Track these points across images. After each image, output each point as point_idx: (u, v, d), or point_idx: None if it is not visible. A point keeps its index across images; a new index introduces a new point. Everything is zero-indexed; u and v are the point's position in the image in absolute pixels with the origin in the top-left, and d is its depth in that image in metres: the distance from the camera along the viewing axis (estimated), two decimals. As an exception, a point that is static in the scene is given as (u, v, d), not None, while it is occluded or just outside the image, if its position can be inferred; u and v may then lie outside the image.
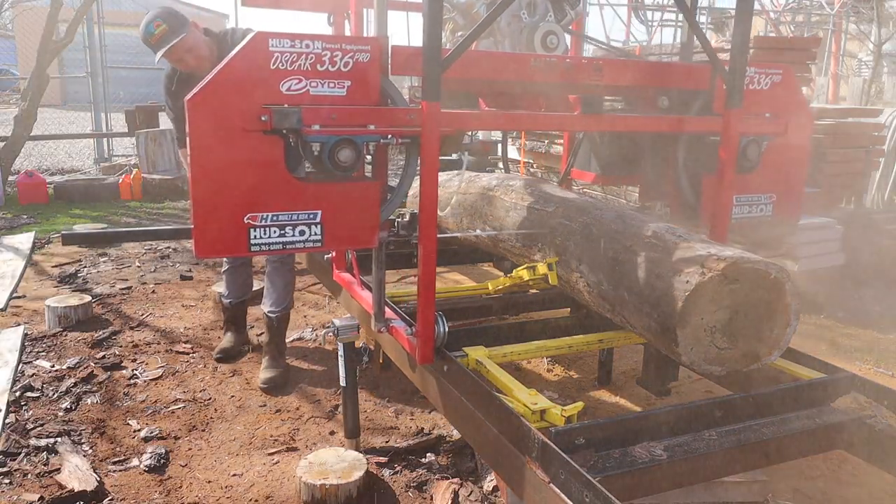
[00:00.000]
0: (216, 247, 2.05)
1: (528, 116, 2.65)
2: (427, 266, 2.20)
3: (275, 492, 2.51)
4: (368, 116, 2.09)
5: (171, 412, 3.07)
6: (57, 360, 3.52)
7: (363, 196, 2.17)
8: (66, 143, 10.89)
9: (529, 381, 3.38)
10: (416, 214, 2.21)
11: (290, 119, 1.98)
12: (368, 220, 2.18)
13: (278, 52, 1.96)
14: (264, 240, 2.06)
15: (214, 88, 1.93)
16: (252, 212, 2.02)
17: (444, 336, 2.31)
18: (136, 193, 7.95)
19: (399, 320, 2.52)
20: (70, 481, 2.49)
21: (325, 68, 2.03)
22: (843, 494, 2.50)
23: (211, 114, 1.92)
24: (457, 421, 2.21)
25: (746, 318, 2.05)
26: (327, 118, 2.03)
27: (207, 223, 2.00)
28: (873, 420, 2.08)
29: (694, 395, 3.13)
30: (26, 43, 14.15)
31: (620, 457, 1.85)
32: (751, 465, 2.09)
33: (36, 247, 5.69)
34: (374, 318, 2.49)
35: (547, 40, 2.56)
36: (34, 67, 7.83)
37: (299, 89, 2.01)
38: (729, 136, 2.54)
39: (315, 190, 2.10)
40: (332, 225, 2.13)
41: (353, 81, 2.07)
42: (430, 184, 2.13)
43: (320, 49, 2.01)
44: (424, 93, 2.06)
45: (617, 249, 2.28)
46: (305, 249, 2.14)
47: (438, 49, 2.04)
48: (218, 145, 1.95)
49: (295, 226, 2.09)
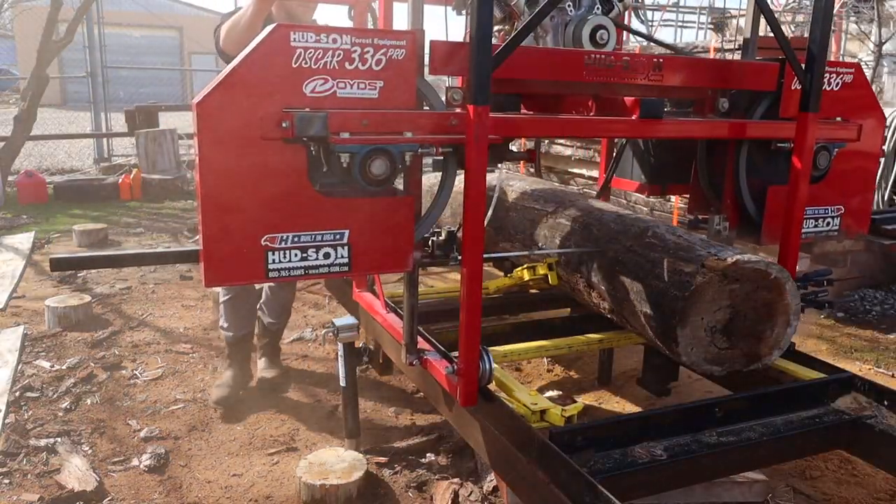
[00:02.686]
0: (229, 273, 1.79)
1: (588, 122, 2.33)
2: (472, 293, 1.90)
3: (275, 492, 2.51)
4: (405, 122, 1.83)
5: (171, 412, 3.07)
6: (57, 360, 3.52)
7: (396, 213, 1.90)
8: (66, 143, 10.89)
9: (529, 381, 3.38)
10: (454, 232, 2.00)
11: (314, 125, 1.74)
12: (402, 239, 1.92)
13: (301, 48, 1.72)
14: (284, 264, 1.81)
15: (227, 90, 1.69)
16: (270, 232, 1.78)
17: (490, 374, 2.01)
18: (136, 193, 7.96)
19: (434, 352, 2.22)
20: (70, 481, 2.49)
21: (355, 66, 1.78)
22: (843, 494, 2.50)
23: (223, 120, 1.70)
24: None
25: (746, 318, 2.05)
26: (358, 124, 1.78)
27: (219, 246, 1.75)
28: (873, 420, 2.08)
29: (694, 395, 3.13)
30: (26, 43, 14.16)
31: (620, 457, 1.85)
32: (751, 465, 2.09)
33: (36, 247, 5.69)
34: (404, 349, 2.22)
35: (597, 35, 2.28)
36: (34, 67, 7.83)
37: (325, 91, 1.76)
38: (804, 144, 2.26)
39: (342, 207, 1.84)
40: (360, 246, 1.88)
41: (386, 82, 1.81)
42: (475, 199, 1.85)
43: (349, 44, 1.76)
44: (471, 94, 1.80)
45: (617, 249, 2.28)
46: (331, 275, 1.90)
47: (489, 43, 1.77)
48: (231, 156, 1.71)
49: (319, 248, 1.84)
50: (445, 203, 2.04)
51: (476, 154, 1.82)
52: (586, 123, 2.34)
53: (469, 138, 1.82)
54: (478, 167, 1.84)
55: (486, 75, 1.79)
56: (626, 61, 2.19)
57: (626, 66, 2.18)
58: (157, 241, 6.02)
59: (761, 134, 2.43)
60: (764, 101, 2.46)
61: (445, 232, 2.03)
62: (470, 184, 1.84)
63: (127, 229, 6.43)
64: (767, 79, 2.40)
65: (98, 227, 5.99)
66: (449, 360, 2.12)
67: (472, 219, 1.87)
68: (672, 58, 2.32)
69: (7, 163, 7.89)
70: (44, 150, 10.58)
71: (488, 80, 1.79)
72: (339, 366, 2.66)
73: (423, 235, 2.01)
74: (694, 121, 2.45)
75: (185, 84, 19.45)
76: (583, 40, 2.30)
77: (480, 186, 1.85)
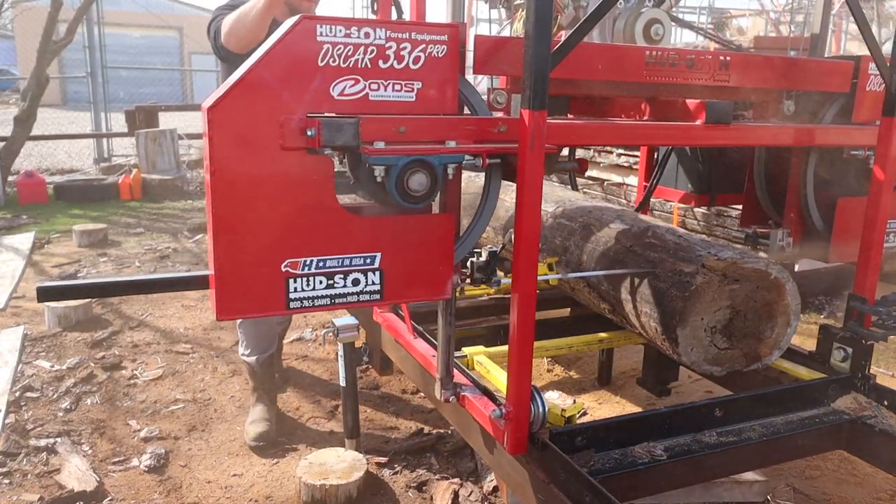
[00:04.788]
0: (244, 304, 1.58)
1: (658, 129, 2.08)
2: (523, 323, 1.68)
3: (275, 492, 2.51)
4: (448, 129, 1.63)
5: (171, 412, 3.06)
6: (57, 360, 3.52)
7: (435, 233, 1.69)
8: (66, 143, 10.89)
9: (529, 381, 3.38)
10: (496, 252, 1.81)
11: (344, 133, 1.54)
12: (441, 263, 1.72)
13: (329, 44, 1.52)
14: (307, 293, 1.61)
15: (243, 93, 1.48)
16: (292, 256, 1.58)
17: (544, 418, 1.78)
18: (136, 193, 7.95)
19: (472, 387, 2.02)
20: (70, 481, 2.49)
21: (390, 65, 1.58)
22: (843, 494, 2.50)
23: (238, 127, 1.49)
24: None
25: (746, 318, 2.05)
26: (393, 132, 1.58)
27: (233, 273, 1.55)
28: (873, 420, 2.08)
29: (694, 395, 3.13)
30: (26, 43, 14.15)
31: (620, 457, 1.85)
32: (751, 465, 2.09)
33: (36, 247, 5.69)
34: (438, 383, 2.00)
35: (652, 30, 2.10)
36: (34, 67, 7.83)
37: (355, 93, 1.56)
38: (888, 151, 2.08)
39: (374, 227, 1.65)
40: (394, 271, 1.68)
41: (424, 83, 1.62)
42: (530, 215, 1.63)
43: (384, 39, 1.56)
44: (526, 97, 1.58)
45: (617, 249, 2.27)
46: (360, 304, 1.69)
47: (548, 37, 1.54)
48: (247, 169, 1.51)
49: (347, 273, 1.63)
50: (488, 220, 1.84)
51: (532, 165, 1.60)
52: (656, 130, 2.07)
53: (523, 147, 1.59)
54: (533, 180, 1.61)
55: (544, 75, 1.56)
56: (691, 59, 1.99)
57: (690, 64, 1.98)
58: (157, 241, 6.01)
59: (849, 141, 2.24)
60: (835, 103, 2.27)
61: (486, 252, 1.84)
62: (524, 199, 1.62)
63: (127, 229, 6.43)
64: (840, 79, 2.22)
65: (98, 227, 5.98)
66: (491, 399, 1.92)
67: (525, 238, 1.64)
68: (740, 55, 2.12)
69: (7, 163, 7.89)
70: (44, 150, 10.57)
71: (547, 80, 1.57)
72: (340, 366, 2.66)
73: (461, 258, 1.81)
74: (776, 126, 2.21)
75: (185, 84, 19.47)
76: (635, 36, 2.09)
77: (536, 202, 1.63)
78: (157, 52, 22.45)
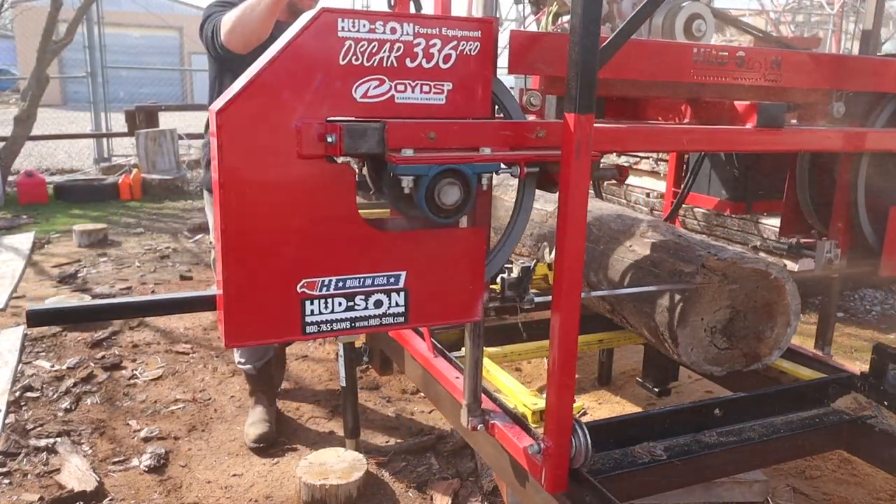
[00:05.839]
0: (256, 329, 1.44)
1: (709, 133, 1.89)
2: (566, 347, 1.55)
3: (275, 492, 2.51)
4: (481, 135, 1.49)
5: (171, 412, 3.06)
6: (57, 360, 3.52)
7: (465, 248, 1.55)
8: (66, 143, 10.89)
9: (529, 381, 3.38)
10: (529, 268, 1.71)
11: (368, 140, 1.41)
12: (471, 281, 1.57)
13: (351, 40, 1.38)
14: (325, 316, 1.47)
15: (257, 95, 1.35)
16: (309, 276, 1.44)
17: (587, 454, 1.65)
18: (136, 193, 7.96)
19: (502, 415, 1.88)
20: (70, 481, 2.49)
21: (418, 64, 1.44)
22: (843, 494, 2.50)
23: (251, 133, 1.35)
24: None
25: (746, 318, 2.05)
26: (423, 138, 1.43)
27: (243, 295, 1.41)
28: (873, 420, 2.08)
29: (694, 395, 3.13)
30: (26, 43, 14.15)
31: (620, 457, 1.85)
32: (751, 465, 2.09)
33: (35, 247, 5.69)
34: (465, 409, 1.84)
35: (693, 26, 1.94)
36: (34, 67, 7.83)
37: (380, 95, 1.42)
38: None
39: (398, 242, 1.51)
40: (420, 291, 1.54)
41: (455, 83, 1.48)
42: (575, 232, 1.49)
43: (411, 35, 1.42)
44: (571, 99, 1.43)
45: (617, 250, 2.27)
46: (382, 327, 1.55)
47: (597, 34, 1.41)
48: (260, 180, 1.37)
49: (368, 294, 1.50)
50: (520, 234, 1.68)
51: (578, 174, 1.46)
52: (708, 135, 1.90)
53: (567, 154, 1.46)
54: (578, 191, 1.48)
55: (592, 75, 1.42)
56: (742, 57, 1.85)
57: (740, 62, 1.85)
58: (157, 241, 6.01)
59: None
60: (889, 105, 2.14)
61: (518, 268, 1.71)
62: (568, 212, 1.49)
63: (127, 229, 6.43)
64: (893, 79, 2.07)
65: (98, 227, 5.98)
66: (522, 427, 1.79)
67: (569, 255, 1.50)
68: (792, 53, 1.96)
69: (7, 163, 7.89)
70: (44, 150, 10.58)
71: (595, 80, 1.43)
72: (340, 366, 2.66)
73: (491, 276, 1.67)
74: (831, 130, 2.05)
75: (185, 84, 19.46)
76: (675, 32, 1.94)
77: (581, 216, 1.49)
78: (157, 52, 22.44)
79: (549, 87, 1.75)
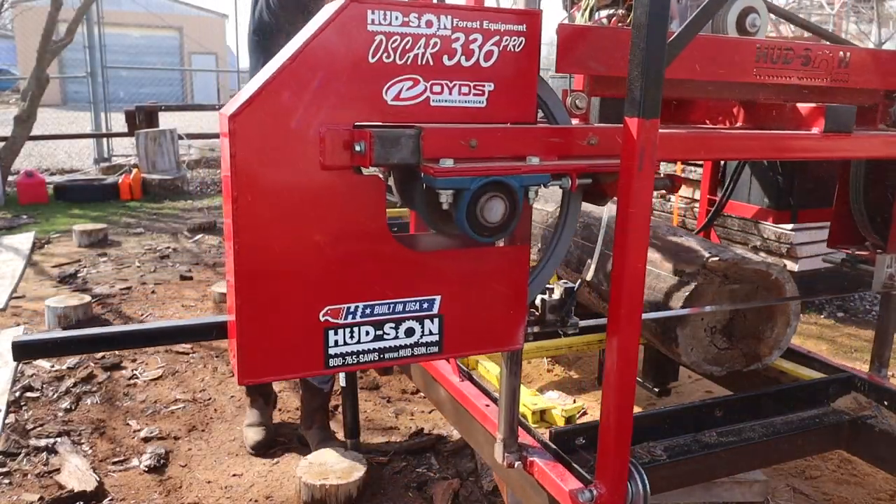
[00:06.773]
0: (273, 363, 1.28)
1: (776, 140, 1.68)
2: (623, 383, 1.40)
3: (275, 492, 2.51)
4: (528, 142, 1.32)
5: (171, 412, 3.07)
6: (57, 360, 3.52)
7: (505, 270, 1.39)
8: (66, 143, 10.90)
9: (529, 381, 3.38)
10: (573, 289, 1.56)
11: (402, 149, 1.24)
12: (512, 306, 1.42)
13: (382, 35, 1.22)
14: (350, 346, 1.31)
15: (276, 98, 1.18)
16: (333, 302, 1.28)
17: (646, 499, 1.50)
18: (136, 193, 7.96)
19: (541, 451, 1.69)
20: (70, 481, 2.49)
21: (456, 62, 1.27)
22: (843, 494, 2.50)
23: (268, 141, 1.18)
24: None
25: (746, 318, 2.05)
26: (463, 146, 1.26)
27: (259, 324, 1.24)
28: (873, 420, 2.08)
29: (694, 395, 3.13)
30: (26, 43, 14.15)
31: (620, 457, 1.85)
32: (751, 465, 2.09)
33: (35, 247, 5.70)
34: (501, 444, 1.66)
35: (747, 21, 1.78)
36: (34, 67, 7.83)
37: (414, 97, 1.26)
38: None
39: (432, 263, 1.35)
40: (455, 318, 1.38)
41: (497, 84, 1.31)
42: (636, 250, 1.34)
43: (449, 29, 1.26)
44: (636, 103, 1.27)
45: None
46: (413, 358, 1.38)
47: (664, 30, 1.25)
48: (279, 194, 1.21)
49: (399, 322, 1.34)
50: (564, 253, 1.53)
51: (640, 186, 1.29)
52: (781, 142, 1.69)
53: (628, 164, 1.30)
54: (641, 205, 1.31)
55: (659, 75, 1.26)
56: (807, 55, 1.68)
57: (806, 61, 1.68)
58: (157, 241, 6.02)
59: None
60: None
61: (560, 289, 1.56)
62: (629, 228, 1.32)
63: (127, 229, 6.44)
64: None
65: (98, 227, 5.99)
66: (566, 466, 1.62)
67: (630, 275, 1.34)
68: (859, 50, 1.79)
69: (7, 163, 7.89)
70: (44, 150, 10.58)
71: (661, 81, 1.27)
72: (339, 366, 2.65)
73: (533, 298, 1.52)
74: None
75: (186, 84, 19.46)
76: (727, 27, 1.79)
77: (643, 232, 1.34)
78: (157, 52, 22.48)
79: (596, 87, 1.58)
